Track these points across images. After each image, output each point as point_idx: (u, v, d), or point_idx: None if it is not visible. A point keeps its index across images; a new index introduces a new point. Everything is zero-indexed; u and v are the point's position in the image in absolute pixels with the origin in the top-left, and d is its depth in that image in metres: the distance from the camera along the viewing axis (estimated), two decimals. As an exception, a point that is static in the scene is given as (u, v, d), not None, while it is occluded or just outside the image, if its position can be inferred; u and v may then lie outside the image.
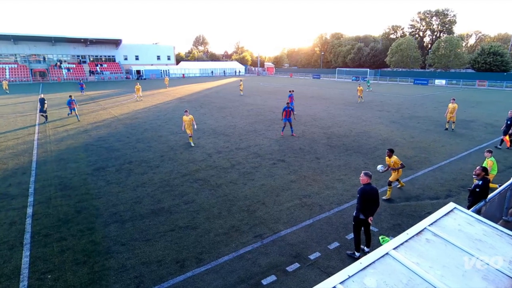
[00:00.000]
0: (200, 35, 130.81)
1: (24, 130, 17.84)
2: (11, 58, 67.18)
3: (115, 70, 75.25)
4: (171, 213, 7.91)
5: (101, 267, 5.86)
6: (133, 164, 11.70)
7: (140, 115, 22.71)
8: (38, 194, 9.06)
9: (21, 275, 5.65)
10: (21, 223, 7.43)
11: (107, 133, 16.97)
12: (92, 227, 7.28)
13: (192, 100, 31.84)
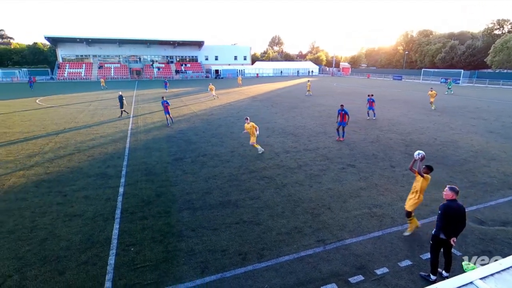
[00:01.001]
0: (276, 36, 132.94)
1: (121, 120, 20.75)
2: (116, 59, 78.84)
3: (196, 70, 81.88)
4: (237, 207, 8.27)
5: (173, 248, 6.47)
6: (206, 157, 12.57)
7: (216, 112, 24.23)
8: (128, 177, 10.46)
9: (111, 244, 6.62)
10: (114, 200, 8.69)
11: (187, 127, 18.58)
12: (169, 211, 8.08)
13: (264, 99, 32.61)
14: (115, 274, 5.66)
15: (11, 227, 7.23)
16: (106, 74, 71.73)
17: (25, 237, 6.85)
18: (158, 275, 5.65)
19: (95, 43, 75.07)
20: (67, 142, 14.98)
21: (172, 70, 79.21)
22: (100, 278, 5.56)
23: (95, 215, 7.82)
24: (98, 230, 7.14)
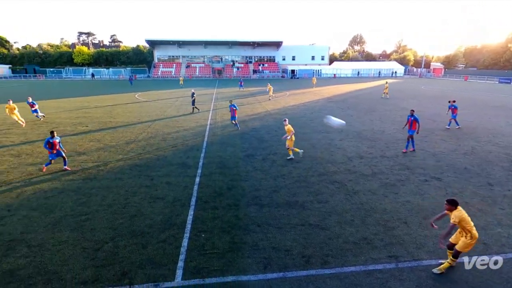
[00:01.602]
0: (357, 34, 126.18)
1: (201, 116, 22.50)
2: (201, 59, 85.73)
3: (273, 69, 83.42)
4: (303, 208, 8.17)
5: (239, 240, 6.76)
6: (276, 156, 12.74)
7: (289, 111, 24.31)
8: (204, 168, 11.30)
9: (185, 227, 7.26)
10: (190, 188, 9.51)
11: (260, 125, 19.12)
12: (238, 204, 8.47)
13: (340, 100, 31.37)
14: (187, 256, 6.20)
15: (110, 202, 8.55)
16: (192, 73, 78.69)
17: (119, 211, 8.02)
18: (223, 263, 5.98)
19: (185, 45, 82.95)
20: (156, 132, 16.96)
21: (250, 69, 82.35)
22: (174, 257, 6.16)
23: (174, 200, 8.68)
24: (176, 214, 7.90)
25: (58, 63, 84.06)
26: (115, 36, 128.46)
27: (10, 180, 10.06)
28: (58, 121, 20.29)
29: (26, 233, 7.00)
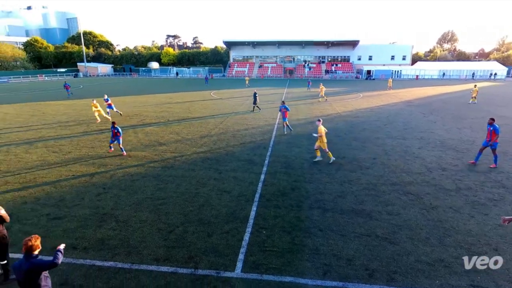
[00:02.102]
0: (448, 31, 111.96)
1: (270, 115, 22.87)
2: (273, 59, 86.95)
3: (347, 70, 79.86)
4: (371, 218, 7.67)
5: (299, 242, 6.70)
6: (344, 160, 12.20)
7: (361, 114, 23.01)
8: (269, 166, 11.49)
9: (248, 222, 7.51)
10: (255, 185, 9.77)
11: (328, 127, 18.50)
12: (300, 205, 8.39)
13: (421, 104, 28.39)
14: (248, 250, 6.41)
15: (183, 190, 9.35)
16: (263, 72, 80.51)
17: (190, 199, 8.71)
18: (282, 263, 6.01)
19: (259, 45, 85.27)
20: (227, 129, 17.87)
21: (322, 69, 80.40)
22: (235, 249, 6.43)
23: (239, 195, 9.05)
24: (240, 208, 8.23)
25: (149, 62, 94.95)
26: (197, 38, 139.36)
27: (106, 163, 11.81)
28: (145, 114, 22.96)
29: (115, 209, 8.14)
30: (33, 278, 3.91)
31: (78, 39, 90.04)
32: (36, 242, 4.02)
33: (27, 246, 3.93)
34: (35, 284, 3.94)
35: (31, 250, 3.95)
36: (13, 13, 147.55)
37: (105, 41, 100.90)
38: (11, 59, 76.08)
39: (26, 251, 3.94)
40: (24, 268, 3.87)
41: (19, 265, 3.93)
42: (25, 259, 3.93)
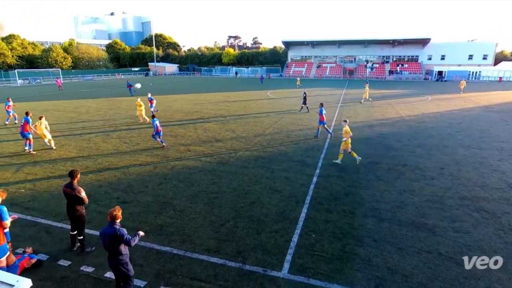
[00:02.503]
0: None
1: (327, 116, 22.19)
2: (333, 59, 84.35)
3: (414, 70, 73.61)
4: (434, 234, 6.98)
5: (350, 250, 6.41)
6: (406, 168, 11.29)
7: (429, 119, 21.03)
8: (322, 169, 11.20)
9: (297, 224, 7.43)
10: (307, 187, 9.62)
11: (389, 131, 17.36)
12: (353, 212, 8.01)
13: (504, 110, 24.82)
14: (295, 252, 6.35)
15: (235, 186, 9.65)
16: (322, 73, 78.65)
17: (242, 196, 8.94)
18: (330, 269, 5.82)
19: (318, 45, 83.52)
20: (281, 128, 17.90)
21: (385, 70, 75.42)
22: (283, 250, 6.42)
23: (290, 195, 9.00)
24: (290, 209, 8.18)
25: (211, 62, 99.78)
26: (257, 39, 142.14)
27: (168, 155, 12.76)
28: (205, 111, 24.21)
29: (174, 198, 8.75)
30: (116, 243, 4.58)
31: (150, 41, 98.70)
32: (119, 212, 4.75)
33: (112, 215, 4.66)
34: (118, 249, 4.62)
35: (115, 218, 4.67)
36: (99, 19, 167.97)
37: (173, 43, 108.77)
38: (96, 59, 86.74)
39: (111, 219, 4.66)
40: (109, 233, 4.57)
41: (105, 231, 4.64)
42: (110, 226, 4.63)
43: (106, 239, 4.61)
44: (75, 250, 6.35)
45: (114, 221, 4.68)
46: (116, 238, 4.56)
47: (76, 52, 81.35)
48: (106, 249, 4.75)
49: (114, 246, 4.62)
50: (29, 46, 74.60)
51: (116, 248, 4.62)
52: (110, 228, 4.62)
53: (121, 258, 4.70)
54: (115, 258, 4.67)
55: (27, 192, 9.20)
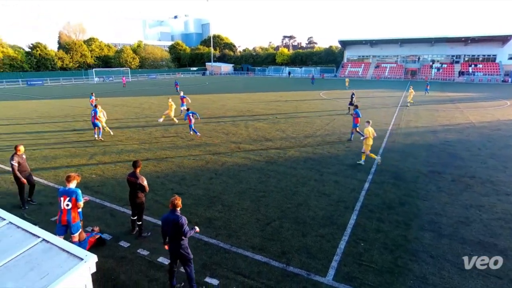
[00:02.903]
0: None
1: (382, 119, 20.96)
2: (393, 59, 79.02)
3: (490, 71, 65.32)
4: (506, 257, 6.14)
5: (403, 264, 5.96)
6: (474, 180, 10.12)
7: (506, 127, 18.52)
8: (376, 175, 10.59)
9: (345, 230, 7.15)
10: (357, 192, 9.19)
11: (456, 139, 15.70)
12: (409, 223, 7.44)
13: None
14: (342, 259, 6.12)
15: (283, 186, 9.63)
16: (380, 73, 74.27)
17: (289, 197, 8.90)
18: (379, 282, 5.49)
19: (377, 44, 78.98)
20: (333, 131, 17.36)
21: (454, 71, 68.24)
22: (329, 255, 6.23)
23: (339, 200, 8.70)
24: (338, 214, 7.91)
25: (264, 62, 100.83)
26: (312, 38, 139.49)
27: (220, 151, 13.26)
28: (256, 110, 24.58)
29: (223, 194, 9.07)
30: (178, 229, 4.90)
31: (208, 42, 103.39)
32: (179, 201, 5.10)
33: (174, 203, 5.01)
34: (180, 234, 4.92)
35: (176, 206, 5.02)
36: (164, 22, 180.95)
37: (229, 43, 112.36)
38: (159, 60, 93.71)
39: (172, 207, 5.01)
40: (172, 219, 4.92)
41: (168, 217, 4.99)
42: (171, 213, 4.99)
43: (170, 224, 4.93)
44: (134, 234, 6.97)
45: (175, 208, 5.01)
46: (178, 224, 4.88)
47: (143, 52, 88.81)
48: (166, 234, 5.08)
49: (177, 231, 4.92)
50: (105, 48, 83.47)
51: (179, 232, 4.92)
52: (173, 215, 4.96)
53: (182, 243, 5.01)
54: (176, 242, 4.99)
55: (97, 177, 10.36)
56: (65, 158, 12.34)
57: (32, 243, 3.79)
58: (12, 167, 7.86)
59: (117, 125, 18.74)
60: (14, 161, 7.83)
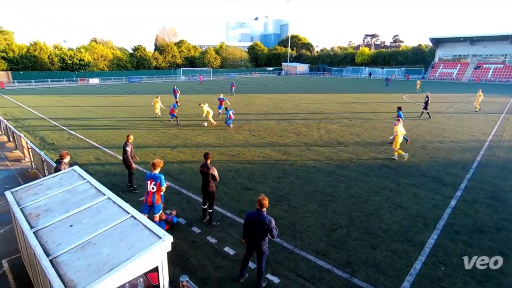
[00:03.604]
0: None
1: (480, 129, 18.06)
2: (500, 59, 67.11)
3: None
4: None
5: (495, 300, 5.08)
6: None
7: None
8: (466, 192, 9.21)
9: (422, 250, 6.42)
10: (441, 209, 8.14)
11: None
12: (506, 254, 6.27)
13: None
14: (416, 280, 5.53)
15: (353, 192, 9.15)
16: (481, 75, 64.05)
17: (359, 204, 8.40)
18: (462, 315, 4.78)
19: (479, 41, 68.11)
20: (416, 138, 15.69)
21: None
22: (401, 274, 5.69)
23: (417, 215, 7.85)
24: (415, 230, 7.14)
25: (342, 63, 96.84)
26: (397, 36, 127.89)
27: (289, 151, 13.28)
28: (330, 112, 23.80)
29: (290, 194, 9.07)
30: (266, 230, 5.00)
31: (286, 42, 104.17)
32: (266, 202, 5.08)
33: (262, 203, 5.06)
34: (266, 234, 5.04)
35: (263, 206, 5.07)
36: (245, 24, 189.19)
37: (307, 43, 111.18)
38: (239, 60, 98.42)
39: (260, 206, 5.08)
40: (259, 219, 5.01)
41: (255, 217, 5.07)
42: (259, 213, 5.07)
43: (258, 224, 5.02)
44: (204, 222, 7.52)
45: (262, 208, 5.05)
46: (265, 224, 4.96)
47: (224, 53, 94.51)
48: (250, 231, 5.16)
49: (263, 232, 5.04)
50: (192, 49, 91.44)
51: (264, 232, 5.03)
52: (260, 214, 5.03)
53: (265, 240, 5.16)
54: (259, 239, 5.11)
55: (177, 166, 11.46)
56: (152, 148, 13.99)
57: (123, 217, 4.42)
58: (126, 153, 9.10)
59: (201, 120, 20.40)
60: (129, 147, 9.14)
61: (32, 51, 59.70)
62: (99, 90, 43.93)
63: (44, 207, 4.87)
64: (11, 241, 6.56)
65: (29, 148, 11.20)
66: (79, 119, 20.86)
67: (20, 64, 57.99)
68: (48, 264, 3.56)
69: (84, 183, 5.57)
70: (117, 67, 71.53)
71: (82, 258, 3.63)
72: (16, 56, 58.03)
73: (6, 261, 6.09)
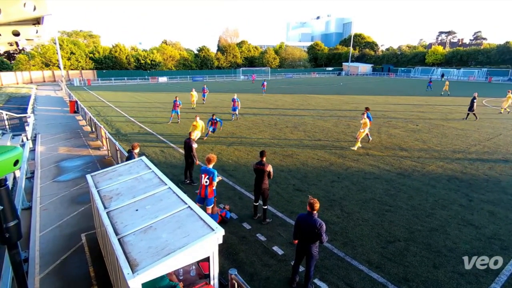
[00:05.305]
0: None
1: None
2: None
3: None
4: None
5: None
6: None
7: None
8: (560, 216, 7.78)
9: (497, 276, 5.63)
10: (524, 233, 7.03)
11: None
12: None
13: None
14: (487, 310, 4.87)
15: (415, 204, 8.41)
16: None
17: (421, 217, 7.70)
18: None
19: None
20: (496, 148, 13.77)
21: None
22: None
23: (492, 236, 6.90)
24: (488, 253, 6.27)
25: (410, 63, 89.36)
26: (479, 33, 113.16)
27: (346, 155, 12.75)
28: (394, 115, 22.17)
29: (343, 199, 8.73)
30: (316, 233, 4.94)
31: (348, 41, 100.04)
32: (318, 205, 5.00)
33: (313, 206, 4.99)
34: (316, 238, 4.99)
35: (313, 208, 4.97)
36: (306, 23, 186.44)
37: (371, 42, 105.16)
38: (298, 60, 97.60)
39: (310, 209, 5.01)
40: (311, 223, 4.96)
41: (307, 219, 5.02)
42: (310, 216, 5.00)
43: (309, 227, 4.97)
44: (255, 219, 7.66)
45: (313, 211, 4.97)
46: (315, 227, 4.89)
47: (283, 53, 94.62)
48: (300, 233, 5.12)
49: (313, 236, 4.98)
50: (252, 49, 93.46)
51: (316, 235, 4.95)
52: (311, 218, 4.95)
53: (316, 243, 5.10)
54: (309, 242, 5.07)
55: (232, 163, 11.86)
56: (210, 144, 14.69)
57: (181, 207, 4.74)
58: (193, 149, 9.66)
59: (253, 119, 20.82)
60: (195, 144, 9.79)
61: (114, 52, 67.54)
62: (167, 88, 47.65)
63: (116, 191, 5.48)
64: (89, 218, 7.53)
65: (106, 138, 12.69)
66: (148, 114, 22.92)
67: (103, 64, 66.19)
68: (117, 241, 4.00)
69: (150, 173, 6.11)
70: (183, 67, 76.81)
71: (144, 240, 4.00)
72: (101, 57, 66.32)
73: (84, 235, 7.01)
